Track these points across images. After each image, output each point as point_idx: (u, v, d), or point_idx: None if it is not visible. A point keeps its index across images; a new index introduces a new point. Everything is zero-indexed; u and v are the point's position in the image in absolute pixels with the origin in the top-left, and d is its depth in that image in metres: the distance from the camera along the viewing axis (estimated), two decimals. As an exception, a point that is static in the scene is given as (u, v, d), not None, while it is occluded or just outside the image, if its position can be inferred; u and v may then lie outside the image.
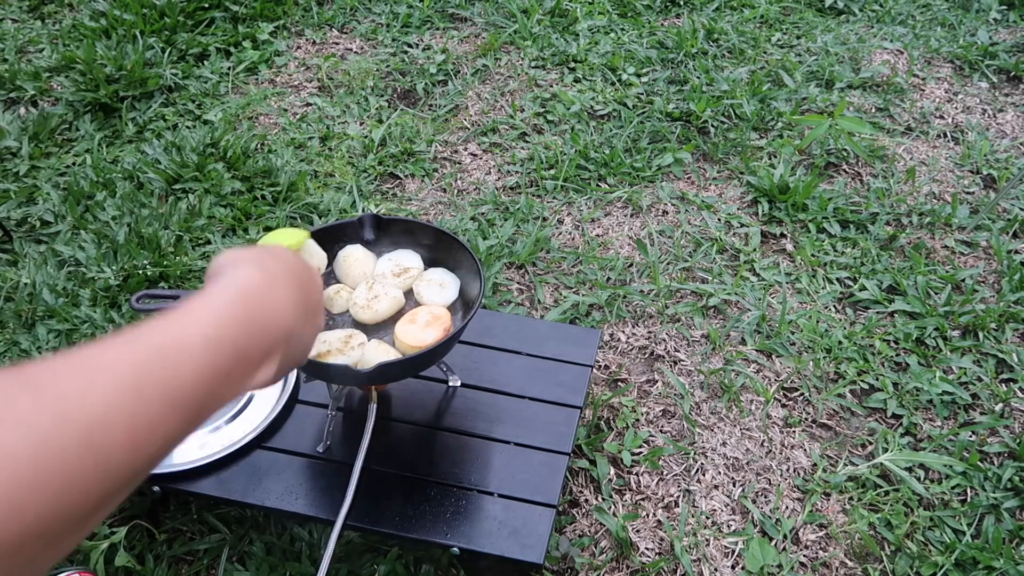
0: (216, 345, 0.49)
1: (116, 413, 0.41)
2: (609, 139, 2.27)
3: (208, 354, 0.48)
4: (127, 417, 0.42)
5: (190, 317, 0.50)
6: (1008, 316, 1.77)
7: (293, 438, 1.25)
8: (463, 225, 1.98)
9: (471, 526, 1.15)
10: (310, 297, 0.64)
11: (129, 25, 2.57)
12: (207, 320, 0.50)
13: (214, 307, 0.52)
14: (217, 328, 0.50)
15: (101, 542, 1.28)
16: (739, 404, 1.61)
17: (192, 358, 0.47)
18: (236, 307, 0.53)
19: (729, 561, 1.37)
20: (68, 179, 2.07)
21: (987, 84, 2.56)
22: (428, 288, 1.19)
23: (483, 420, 1.29)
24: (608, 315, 1.77)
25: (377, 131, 2.27)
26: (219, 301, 0.53)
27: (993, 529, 1.39)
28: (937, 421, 1.59)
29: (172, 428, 0.45)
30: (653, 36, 2.71)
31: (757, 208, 2.06)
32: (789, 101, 2.43)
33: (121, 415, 0.41)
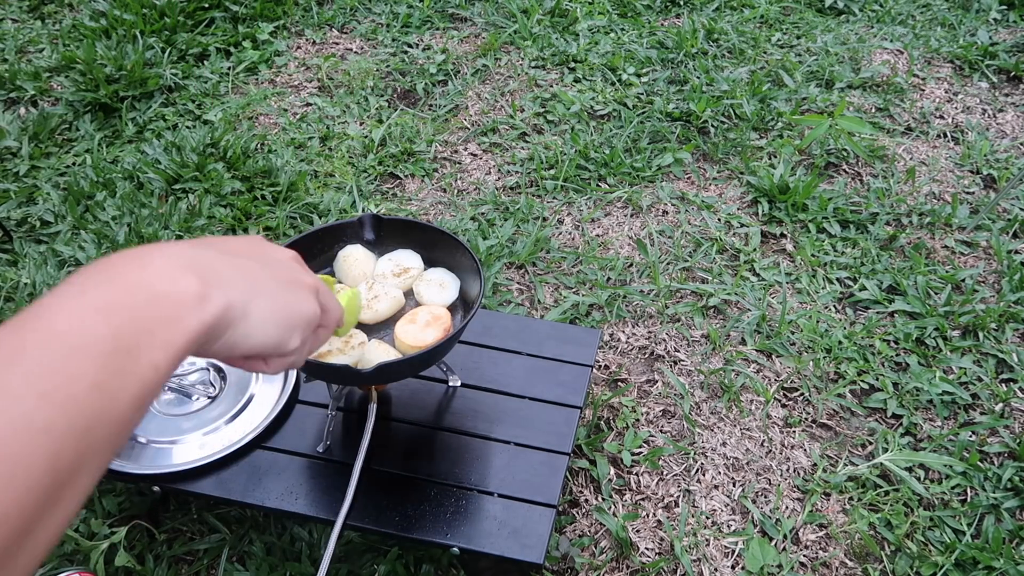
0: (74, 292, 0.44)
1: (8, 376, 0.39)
2: (609, 139, 2.27)
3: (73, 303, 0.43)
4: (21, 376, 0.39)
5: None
6: (1008, 316, 1.77)
7: (293, 438, 1.25)
8: (463, 225, 1.98)
9: (471, 526, 1.15)
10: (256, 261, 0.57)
11: (129, 25, 2.57)
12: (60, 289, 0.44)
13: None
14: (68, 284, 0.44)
15: (101, 542, 1.28)
16: (739, 404, 1.61)
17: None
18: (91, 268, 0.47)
19: (729, 561, 1.37)
20: (68, 179, 2.07)
21: (987, 84, 2.56)
22: (428, 288, 1.20)
23: (483, 420, 1.29)
24: (608, 315, 1.77)
25: (377, 131, 2.27)
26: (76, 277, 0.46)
27: (993, 529, 1.39)
28: (937, 421, 1.59)
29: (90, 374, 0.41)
30: (653, 36, 2.71)
31: (757, 208, 2.06)
32: (789, 101, 2.43)
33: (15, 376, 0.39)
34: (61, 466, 0.38)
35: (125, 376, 0.42)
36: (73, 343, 0.41)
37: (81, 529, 1.34)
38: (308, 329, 0.62)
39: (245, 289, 0.53)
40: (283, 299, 0.58)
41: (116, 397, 0.41)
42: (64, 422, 0.39)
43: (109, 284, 0.45)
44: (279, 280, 0.58)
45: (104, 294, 0.44)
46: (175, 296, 0.47)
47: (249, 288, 0.54)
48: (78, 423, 0.39)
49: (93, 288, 0.44)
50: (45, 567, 1.30)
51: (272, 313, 0.56)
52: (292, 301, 0.59)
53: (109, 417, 0.41)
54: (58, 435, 0.38)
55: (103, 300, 0.44)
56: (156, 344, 0.44)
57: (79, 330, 0.41)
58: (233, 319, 0.52)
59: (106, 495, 1.39)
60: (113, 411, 0.41)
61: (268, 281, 0.57)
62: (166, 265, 0.48)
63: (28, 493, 0.37)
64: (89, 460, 0.40)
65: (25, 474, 0.37)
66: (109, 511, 1.37)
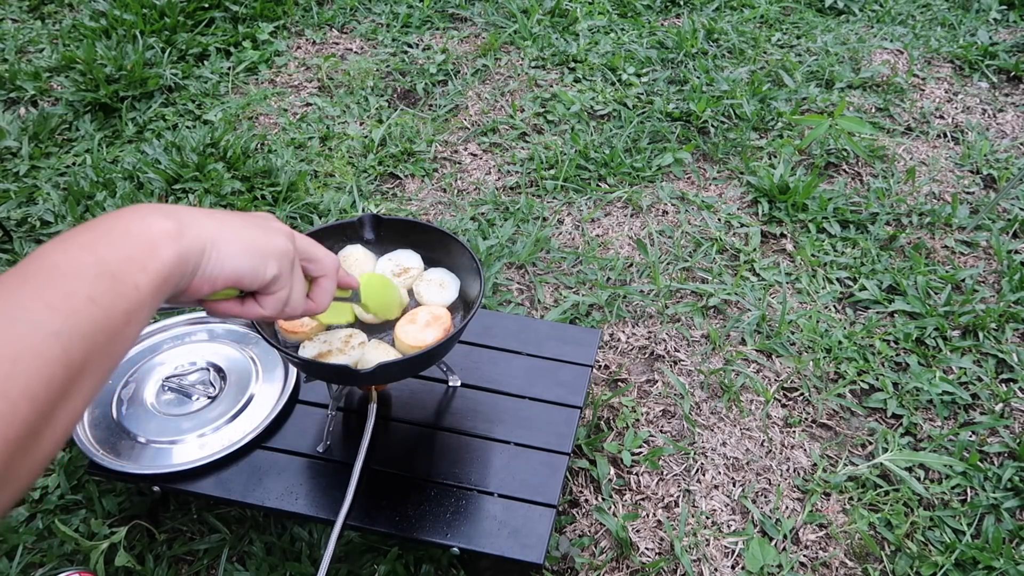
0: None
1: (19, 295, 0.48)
2: (609, 139, 2.27)
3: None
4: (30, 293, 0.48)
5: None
6: (1008, 316, 1.77)
7: (293, 438, 1.25)
8: (463, 225, 1.98)
9: (471, 526, 1.15)
10: (229, 212, 0.66)
11: (129, 25, 2.57)
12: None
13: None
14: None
15: (101, 542, 1.28)
16: (739, 404, 1.61)
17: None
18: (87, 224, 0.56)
19: (729, 561, 1.37)
20: (68, 179, 2.07)
21: (987, 84, 2.56)
22: (428, 288, 1.20)
23: (483, 420, 1.29)
24: (608, 315, 1.77)
25: (377, 131, 2.27)
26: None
27: (993, 529, 1.39)
28: (937, 421, 1.59)
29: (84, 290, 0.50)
30: (653, 36, 2.71)
31: (757, 208, 2.06)
32: (789, 101, 2.43)
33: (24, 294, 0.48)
34: (72, 363, 0.47)
35: (114, 294, 0.51)
36: (65, 270, 0.50)
37: (81, 529, 1.34)
38: (284, 259, 0.69)
39: (214, 226, 0.62)
40: (250, 233, 0.65)
41: (109, 310, 0.50)
42: (69, 326, 0.47)
43: (90, 230, 0.54)
44: (248, 223, 0.66)
45: (87, 236, 0.54)
46: (149, 232, 0.56)
47: (217, 225, 0.62)
48: (81, 327, 0.48)
49: (78, 234, 0.54)
50: (45, 567, 1.30)
51: (241, 242, 0.64)
52: (260, 235, 0.67)
53: (106, 326, 0.50)
54: (66, 337, 0.47)
55: (86, 239, 0.53)
56: (136, 268, 0.53)
57: (69, 260, 0.51)
58: (204, 248, 0.60)
59: (106, 495, 1.39)
60: (108, 321, 0.50)
61: (236, 221, 0.65)
62: (138, 212, 0.57)
63: (49, 382, 0.45)
64: (94, 361, 0.49)
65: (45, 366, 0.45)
66: (109, 511, 1.37)
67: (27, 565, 1.31)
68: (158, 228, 0.56)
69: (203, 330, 1.42)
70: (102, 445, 1.22)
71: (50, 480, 1.42)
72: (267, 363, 1.35)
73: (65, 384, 0.46)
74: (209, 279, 0.61)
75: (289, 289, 0.70)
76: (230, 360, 1.35)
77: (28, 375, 0.44)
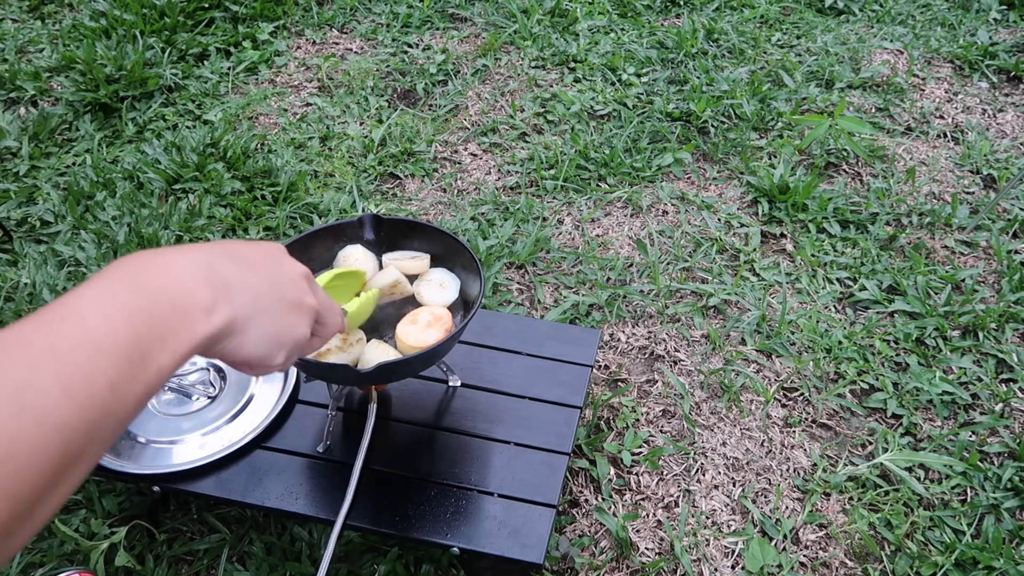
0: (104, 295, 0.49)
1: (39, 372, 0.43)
2: (609, 139, 2.27)
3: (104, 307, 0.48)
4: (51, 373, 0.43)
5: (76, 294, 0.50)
6: (1008, 316, 1.77)
7: (293, 438, 1.25)
8: (463, 225, 1.98)
9: (471, 526, 1.15)
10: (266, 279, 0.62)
11: (129, 25, 2.57)
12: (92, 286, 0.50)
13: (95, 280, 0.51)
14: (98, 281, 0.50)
15: (101, 542, 1.28)
16: (739, 404, 1.61)
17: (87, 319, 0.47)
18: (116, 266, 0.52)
19: (729, 561, 1.37)
20: (68, 179, 2.07)
21: (987, 84, 2.56)
22: (428, 288, 1.20)
23: (483, 420, 1.29)
24: (608, 315, 1.77)
25: (377, 131, 2.27)
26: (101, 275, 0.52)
27: (993, 529, 1.39)
28: (937, 421, 1.59)
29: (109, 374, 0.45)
30: (653, 36, 2.71)
31: (757, 208, 2.06)
32: (789, 101, 2.43)
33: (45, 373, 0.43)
34: (69, 456, 0.43)
35: (135, 379, 0.47)
36: (99, 343, 0.46)
37: (81, 529, 1.34)
38: (295, 349, 0.67)
39: (249, 307, 0.59)
40: (280, 321, 0.63)
41: (125, 396, 0.46)
42: (78, 417, 0.43)
43: (136, 290, 0.50)
44: (283, 300, 0.64)
45: (131, 298, 0.49)
46: (190, 308, 0.52)
47: (253, 306, 0.59)
48: (90, 418, 0.44)
49: (122, 291, 0.49)
50: (45, 567, 1.30)
51: (267, 333, 0.61)
52: (288, 324, 0.64)
53: (115, 413, 0.46)
54: (71, 429, 0.43)
55: (130, 303, 0.49)
56: (166, 349, 0.50)
57: (106, 330, 0.47)
58: (233, 331, 0.57)
59: (106, 495, 1.39)
60: (120, 408, 0.46)
61: (272, 301, 0.62)
62: (188, 276, 0.54)
63: (40, 478, 0.41)
64: (91, 450, 0.45)
65: (39, 462, 0.41)
66: (109, 511, 1.37)
67: (27, 565, 1.31)
68: (202, 305, 0.53)
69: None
70: (102, 445, 1.22)
71: (50, 480, 1.42)
72: (267, 363, 1.35)
73: (55, 479, 0.42)
74: (221, 355, 0.59)
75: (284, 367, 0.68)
76: (230, 360, 1.35)
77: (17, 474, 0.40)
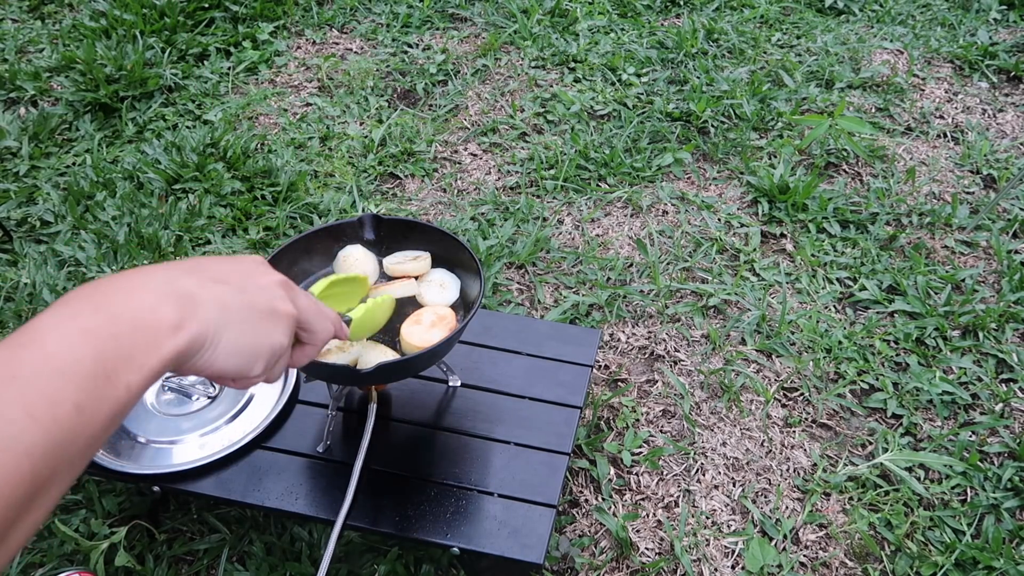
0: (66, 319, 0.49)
1: (3, 400, 0.42)
2: (609, 139, 2.27)
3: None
4: (15, 400, 0.43)
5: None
6: (1008, 316, 1.77)
7: (293, 438, 1.25)
8: (463, 225, 1.98)
9: (471, 526, 1.15)
10: (236, 291, 0.62)
11: (129, 25, 2.57)
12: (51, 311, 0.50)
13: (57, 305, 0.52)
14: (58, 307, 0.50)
15: (101, 542, 1.28)
16: (739, 404, 1.61)
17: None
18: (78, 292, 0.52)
19: (729, 561, 1.37)
20: (68, 179, 2.07)
21: (987, 84, 2.56)
22: (428, 288, 1.20)
23: (483, 420, 1.29)
24: (608, 315, 1.77)
25: (377, 131, 2.27)
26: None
27: (993, 529, 1.39)
28: (937, 421, 1.59)
29: (74, 397, 0.45)
30: (653, 36, 2.71)
31: (757, 208, 2.06)
32: (789, 101, 2.43)
33: (9, 401, 0.43)
34: (38, 481, 0.42)
35: (102, 398, 0.47)
36: (61, 366, 0.45)
37: (81, 529, 1.34)
38: (272, 358, 0.65)
39: (216, 320, 0.58)
40: (252, 331, 0.62)
41: (93, 416, 0.46)
42: (45, 441, 0.43)
43: (96, 311, 0.50)
44: (254, 309, 0.62)
45: (91, 319, 0.49)
46: (154, 325, 0.52)
47: (221, 318, 0.58)
48: (57, 440, 0.43)
49: (82, 313, 0.49)
50: (45, 567, 1.30)
51: (238, 344, 0.60)
52: (261, 333, 0.63)
53: (84, 433, 0.45)
54: (39, 454, 0.42)
55: (90, 324, 0.48)
56: (132, 367, 0.49)
57: (67, 353, 0.46)
58: (203, 345, 0.57)
59: (106, 495, 1.39)
60: (88, 428, 0.46)
61: (242, 311, 0.61)
62: (149, 295, 0.53)
63: (10, 502, 0.41)
64: (62, 473, 0.44)
65: (9, 486, 0.40)
66: (109, 511, 1.37)
67: (27, 565, 1.31)
68: (166, 320, 0.53)
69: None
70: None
71: (50, 480, 1.42)
72: (267, 363, 1.35)
73: (24, 503, 0.42)
74: (194, 371, 0.59)
75: (267, 376, 0.68)
76: (230, 360, 1.35)
77: None
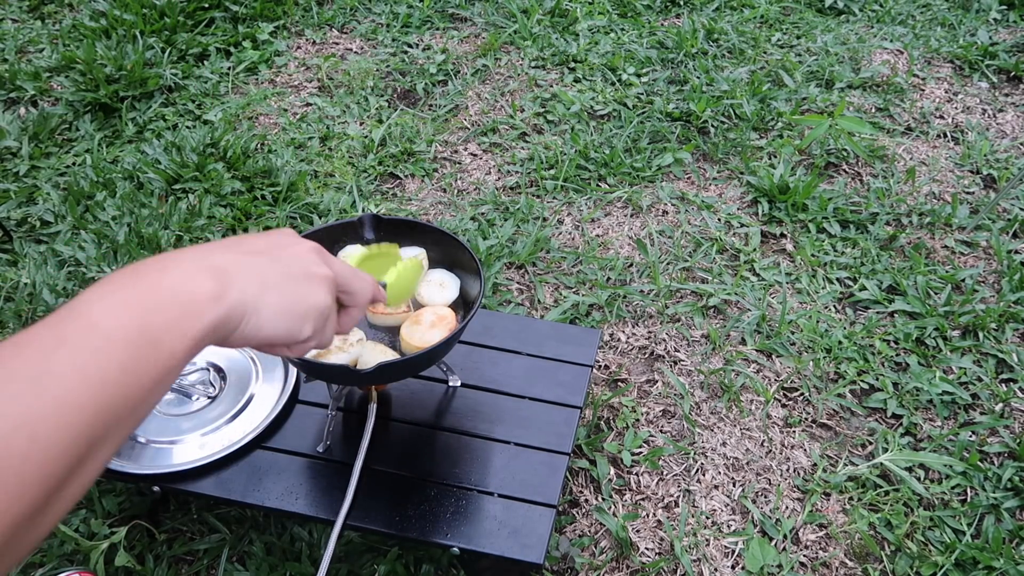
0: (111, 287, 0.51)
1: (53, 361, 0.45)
2: (609, 139, 2.27)
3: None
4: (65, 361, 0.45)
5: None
6: (1008, 316, 1.77)
7: (293, 438, 1.25)
8: (463, 225, 1.98)
9: (471, 526, 1.15)
10: (271, 259, 0.63)
11: (129, 25, 2.57)
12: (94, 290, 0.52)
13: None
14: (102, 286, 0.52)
15: (101, 542, 1.28)
16: (739, 404, 1.61)
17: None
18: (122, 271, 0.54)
19: (729, 561, 1.37)
20: (68, 179, 2.07)
21: (987, 84, 2.56)
22: (428, 288, 1.20)
23: (483, 420, 1.29)
24: (608, 315, 1.77)
25: (377, 131, 2.27)
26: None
27: (993, 529, 1.39)
28: (937, 421, 1.59)
29: (120, 358, 0.47)
30: (653, 36, 2.71)
31: (757, 208, 2.06)
32: (789, 101, 2.43)
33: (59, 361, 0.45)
34: (93, 436, 0.45)
35: (148, 362, 0.49)
36: (106, 333, 0.48)
37: (81, 529, 1.34)
38: (320, 319, 0.67)
39: (254, 288, 0.59)
40: (293, 294, 0.63)
41: (140, 379, 0.48)
42: (97, 399, 0.45)
43: (136, 285, 0.52)
44: (290, 274, 0.64)
45: (133, 292, 0.51)
46: (193, 296, 0.54)
47: (259, 286, 0.60)
48: (108, 400, 0.46)
49: (123, 288, 0.51)
50: (45, 567, 1.30)
51: (281, 308, 0.62)
52: (302, 295, 0.64)
53: (133, 395, 0.48)
54: (91, 411, 0.45)
55: (132, 296, 0.51)
56: (175, 335, 0.51)
57: (112, 321, 0.49)
58: (245, 313, 0.58)
59: (106, 495, 1.39)
60: (137, 390, 0.48)
61: (278, 277, 0.62)
62: (185, 269, 0.55)
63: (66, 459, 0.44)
64: (113, 431, 0.47)
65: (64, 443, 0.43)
66: (109, 511, 1.37)
67: (27, 565, 1.31)
68: (204, 291, 0.55)
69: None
70: (102, 445, 1.22)
71: (50, 480, 1.42)
72: (267, 363, 1.35)
73: (82, 459, 0.45)
74: (244, 341, 0.60)
75: (317, 339, 0.69)
76: (230, 360, 1.35)
77: (46, 452, 0.42)
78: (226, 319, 0.56)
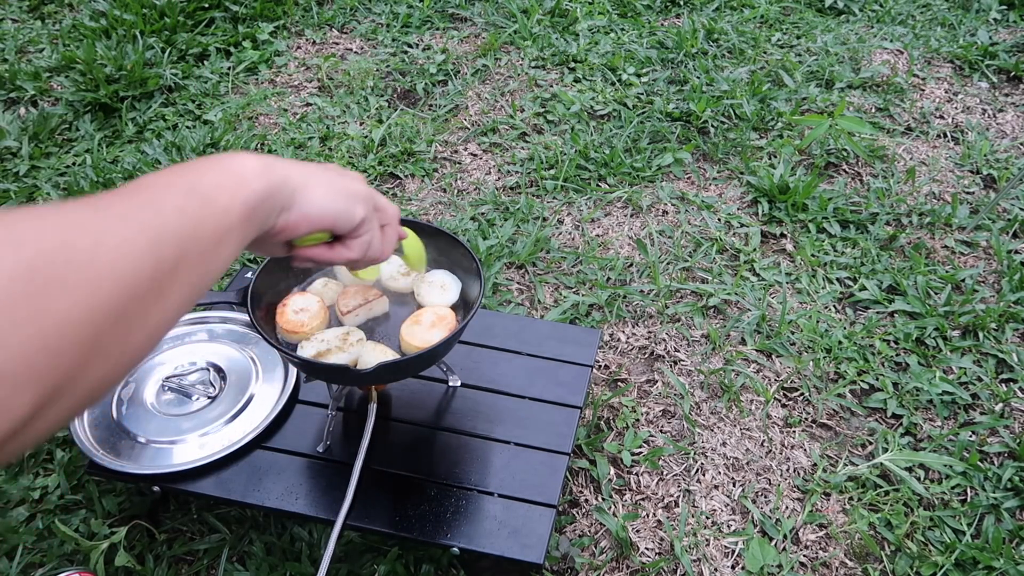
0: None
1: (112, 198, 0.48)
2: (609, 139, 2.27)
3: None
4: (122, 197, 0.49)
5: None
6: (1008, 316, 1.77)
7: (293, 438, 1.25)
8: (463, 225, 1.98)
9: (471, 526, 1.15)
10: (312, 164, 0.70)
11: (129, 25, 2.57)
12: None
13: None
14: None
15: (101, 542, 1.28)
16: (739, 404, 1.61)
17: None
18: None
19: (729, 561, 1.37)
20: (68, 179, 2.07)
21: (987, 84, 2.56)
22: (429, 290, 1.19)
23: (483, 420, 1.29)
24: (608, 315, 1.77)
25: (377, 131, 2.27)
26: None
27: (993, 529, 1.39)
28: (937, 421, 1.59)
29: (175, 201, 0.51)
30: (653, 36, 2.71)
31: (757, 208, 2.06)
32: (789, 101, 2.43)
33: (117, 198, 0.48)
34: (161, 260, 0.47)
35: (204, 211, 0.52)
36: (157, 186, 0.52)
37: (81, 529, 1.34)
38: (369, 202, 0.74)
39: (300, 171, 0.66)
40: (337, 181, 0.70)
41: (198, 223, 0.52)
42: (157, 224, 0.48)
43: (184, 164, 0.56)
44: (331, 171, 0.71)
45: (180, 166, 0.56)
46: (240, 166, 0.58)
47: (303, 170, 0.66)
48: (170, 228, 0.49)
49: (172, 167, 0.56)
50: (45, 567, 1.30)
51: (329, 185, 0.68)
52: (346, 183, 0.71)
53: (195, 235, 0.51)
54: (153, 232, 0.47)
55: (179, 168, 0.55)
56: (225, 194, 0.55)
57: (161, 179, 0.53)
58: (295, 188, 0.64)
59: (106, 495, 1.39)
60: (197, 232, 0.51)
61: (320, 171, 0.69)
62: (229, 153, 0.60)
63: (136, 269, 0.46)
64: (184, 268, 0.49)
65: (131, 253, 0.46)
66: (109, 511, 1.37)
67: (27, 565, 1.31)
68: (250, 164, 0.59)
69: (203, 330, 1.42)
70: (102, 445, 1.22)
71: (50, 480, 1.42)
72: (267, 363, 1.35)
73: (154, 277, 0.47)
74: (304, 217, 0.65)
75: (372, 232, 0.75)
76: (230, 360, 1.35)
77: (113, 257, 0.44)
78: (275, 190, 0.60)
